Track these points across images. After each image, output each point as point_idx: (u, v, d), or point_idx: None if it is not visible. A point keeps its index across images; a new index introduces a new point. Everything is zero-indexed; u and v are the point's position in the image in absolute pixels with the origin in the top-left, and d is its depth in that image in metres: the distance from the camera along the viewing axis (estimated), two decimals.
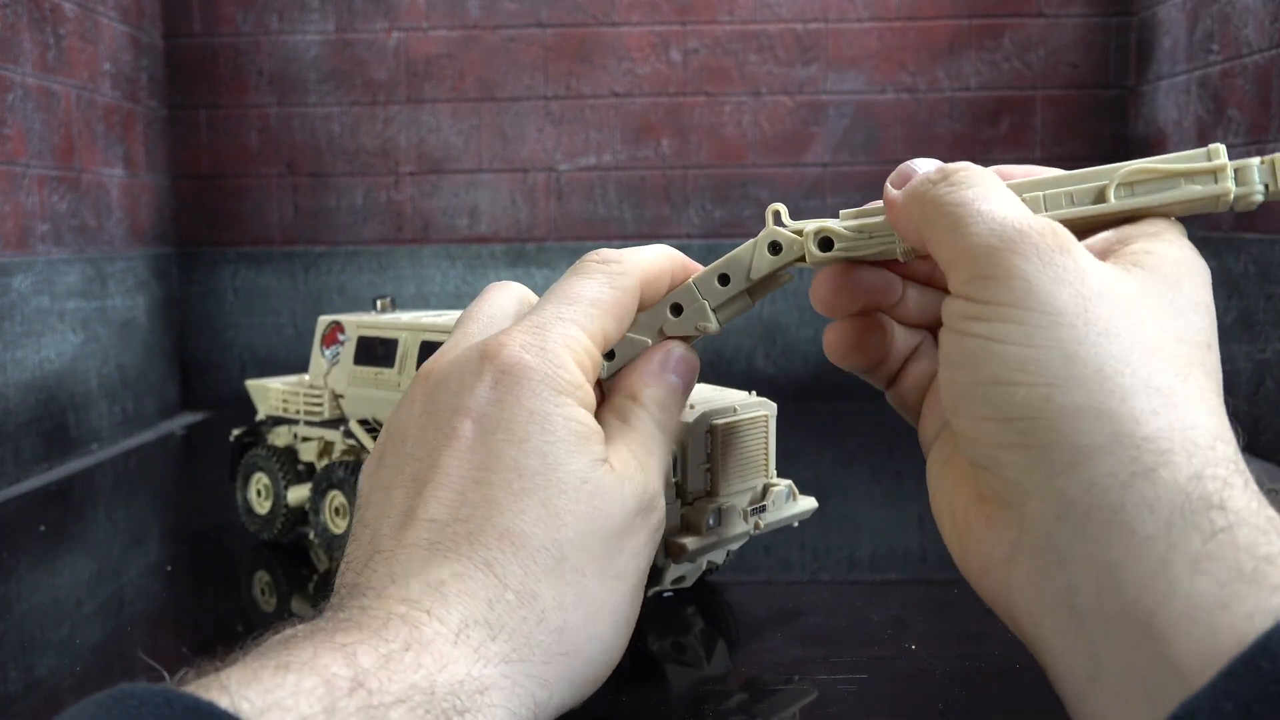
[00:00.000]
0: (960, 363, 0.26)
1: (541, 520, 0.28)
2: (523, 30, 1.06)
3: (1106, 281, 0.25)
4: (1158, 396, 0.24)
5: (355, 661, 0.23)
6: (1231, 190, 0.28)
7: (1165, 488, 0.22)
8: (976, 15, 1.05)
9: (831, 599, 0.50)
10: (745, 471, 0.44)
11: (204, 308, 1.09)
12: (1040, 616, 0.24)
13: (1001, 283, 0.25)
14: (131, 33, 0.99)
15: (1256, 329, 0.81)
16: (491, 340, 0.31)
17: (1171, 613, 0.21)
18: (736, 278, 0.34)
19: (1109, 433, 0.23)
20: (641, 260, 0.34)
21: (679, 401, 0.34)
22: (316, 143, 1.07)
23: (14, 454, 0.77)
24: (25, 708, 0.39)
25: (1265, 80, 0.80)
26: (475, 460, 0.29)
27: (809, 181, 1.07)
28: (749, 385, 0.47)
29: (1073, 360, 0.24)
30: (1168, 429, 0.23)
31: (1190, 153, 0.28)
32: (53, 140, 0.84)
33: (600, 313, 0.32)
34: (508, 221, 1.08)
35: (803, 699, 0.38)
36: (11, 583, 0.55)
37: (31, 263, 0.80)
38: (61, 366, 0.84)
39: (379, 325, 0.54)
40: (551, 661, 0.27)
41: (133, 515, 0.72)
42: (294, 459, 0.57)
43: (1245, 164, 0.28)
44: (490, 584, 0.27)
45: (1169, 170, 0.28)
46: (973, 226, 0.26)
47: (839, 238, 0.32)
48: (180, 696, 0.21)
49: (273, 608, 0.50)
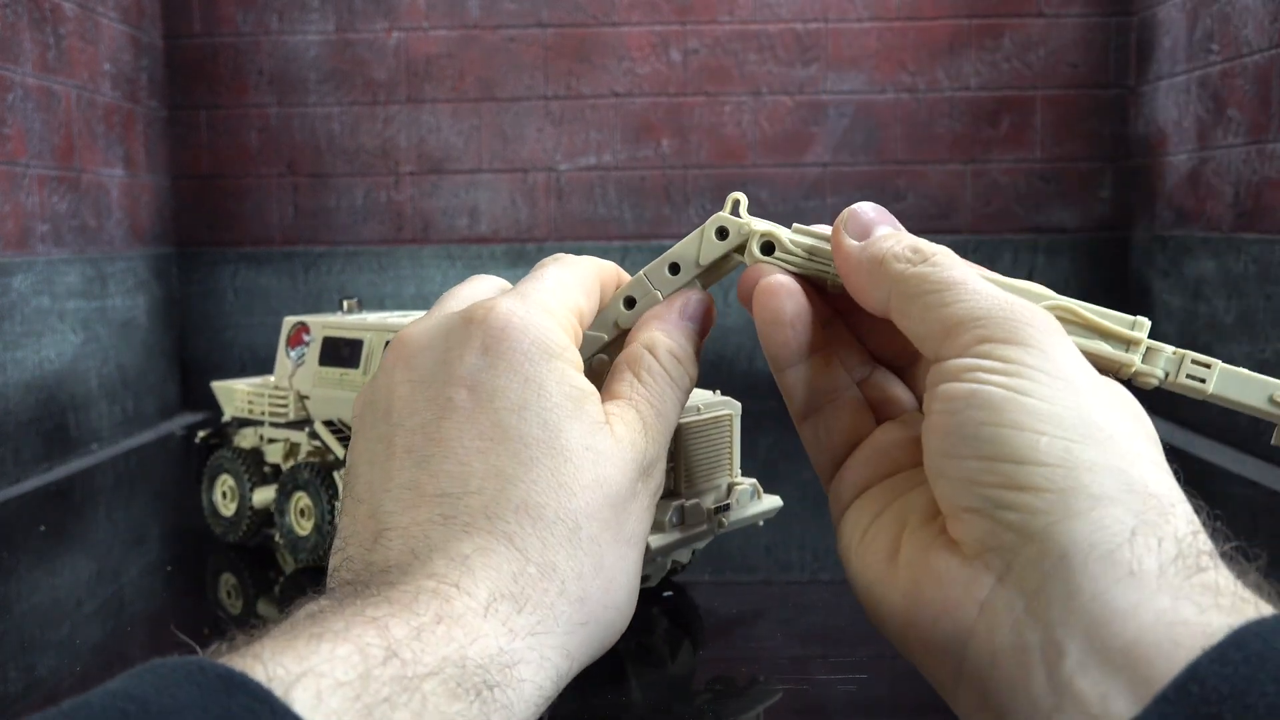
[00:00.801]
0: (971, 407, 0.26)
1: (552, 491, 0.28)
2: (523, 30, 1.06)
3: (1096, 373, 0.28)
4: (1156, 469, 0.26)
5: (388, 633, 0.23)
6: (1135, 365, 0.30)
7: (1168, 536, 0.24)
8: (976, 15, 1.05)
9: (831, 599, 0.50)
10: (710, 470, 0.44)
11: (204, 308, 1.09)
12: (1004, 657, 0.24)
13: (1021, 348, 0.26)
14: (131, 33, 0.99)
15: (1256, 329, 0.81)
16: (476, 305, 0.30)
17: (1155, 637, 0.22)
18: (686, 265, 0.34)
19: (1122, 485, 0.25)
20: (587, 258, 0.35)
21: (695, 350, 0.34)
22: (316, 143, 1.07)
23: (14, 454, 0.77)
24: (25, 708, 0.39)
25: (1265, 80, 0.80)
26: (476, 430, 0.28)
27: (809, 181, 1.07)
28: (749, 385, 0.47)
29: (1090, 423, 0.26)
30: (1169, 493, 0.25)
31: (1119, 315, 0.30)
32: (53, 140, 0.84)
33: (568, 287, 0.32)
34: (508, 221, 1.08)
35: (802, 699, 0.38)
36: (11, 583, 0.55)
37: (31, 263, 0.80)
38: (61, 366, 0.84)
39: (344, 326, 0.54)
40: (574, 632, 0.27)
41: (133, 515, 0.72)
42: (260, 461, 0.56)
43: (1158, 349, 0.30)
44: (513, 557, 0.27)
45: (1089, 321, 0.30)
46: (979, 300, 0.28)
47: (782, 247, 0.32)
48: (213, 665, 0.21)
49: (272, 608, 0.50)
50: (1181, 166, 0.94)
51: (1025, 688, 0.24)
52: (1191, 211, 0.93)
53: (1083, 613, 0.23)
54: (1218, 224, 0.87)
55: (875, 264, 0.30)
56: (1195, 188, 0.92)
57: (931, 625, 0.26)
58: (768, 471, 0.49)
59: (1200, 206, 0.91)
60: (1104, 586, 0.23)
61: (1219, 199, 0.87)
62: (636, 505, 0.30)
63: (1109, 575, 0.23)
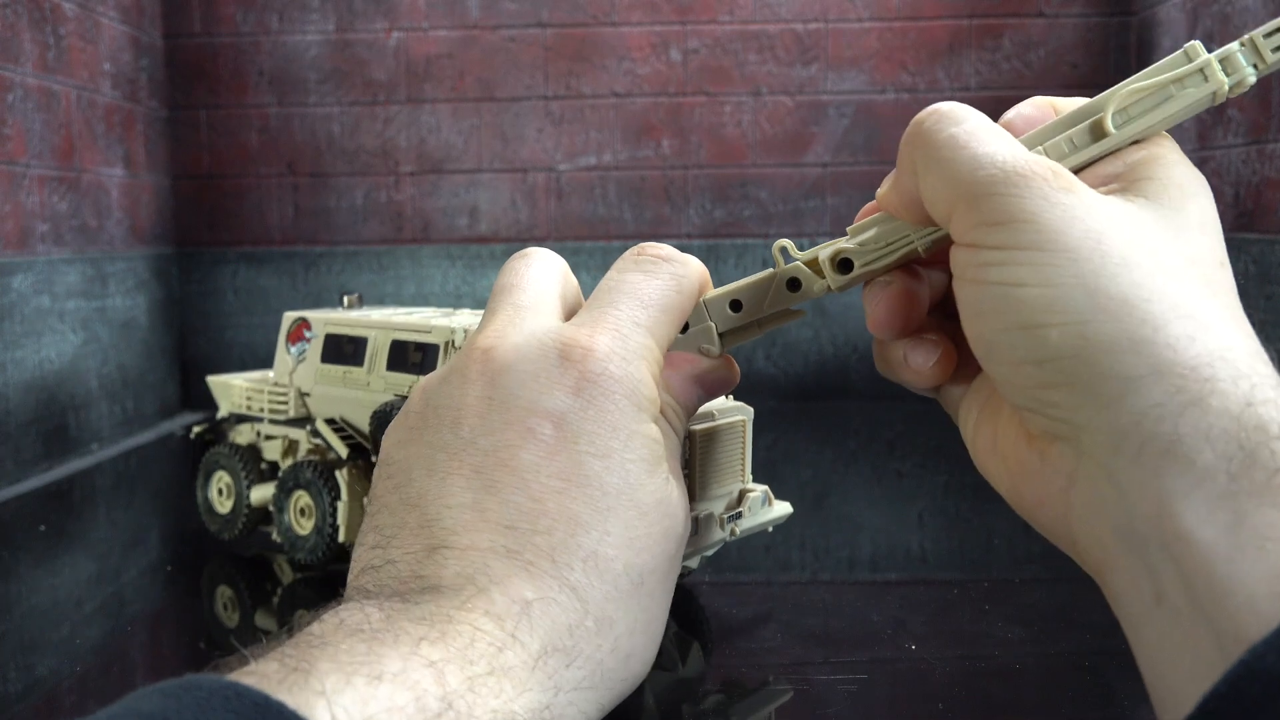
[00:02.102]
0: (983, 312, 0.26)
1: (625, 544, 0.27)
2: (523, 30, 1.06)
3: (1114, 214, 0.25)
4: (1189, 321, 0.24)
5: (444, 681, 0.23)
6: (1225, 81, 0.27)
7: (1218, 416, 0.22)
8: (976, 15, 1.05)
9: (831, 599, 0.50)
10: (723, 477, 0.43)
11: (204, 308, 1.09)
12: (1104, 541, 0.24)
13: (1011, 227, 0.25)
14: (131, 33, 0.99)
15: (1257, 329, 0.81)
16: (574, 338, 0.29)
17: (1239, 542, 0.21)
18: (750, 307, 0.33)
19: (1149, 363, 0.23)
20: (698, 265, 0.33)
21: (692, 411, 0.34)
22: (316, 143, 1.07)
23: (14, 454, 0.77)
24: (25, 708, 0.39)
25: (1265, 80, 0.80)
26: (556, 468, 0.28)
27: (809, 181, 1.07)
28: (750, 385, 0.47)
29: (1097, 294, 0.24)
30: (1207, 354, 0.23)
31: (1170, 59, 0.28)
32: (53, 140, 0.84)
33: (668, 319, 0.31)
34: (508, 221, 1.08)
35: (803, 700, 0.38)
36: (11, 583, 0.55)
37: (31, 263, 0.80)
38: (61, 366, 0.84)
39: (348, 322, 0.53)
40: (613, 687, 0.27)
41: (133, 515, 0.72)
42: (257, 457, 0.55)
43: (1228, 52, 0.28)
44: (573, 609, 0.26)
45: (1159, 83, 0.28)
46: (971, 169, 0.26)
47: (856, 255, 0.31)
48: (249, 691, 0.20)
49: (273, 607, 0.50)
50: None
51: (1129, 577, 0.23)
52: None
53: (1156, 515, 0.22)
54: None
55: (904, 145, 0.28)
56: None
57: (1037, 511, 0.27)
58: (768, 471, 0.49)
59: None
60: (1169, 485, 0.22)
61: (1219, 199, 0.87)
62: (680, 554, 0.30)
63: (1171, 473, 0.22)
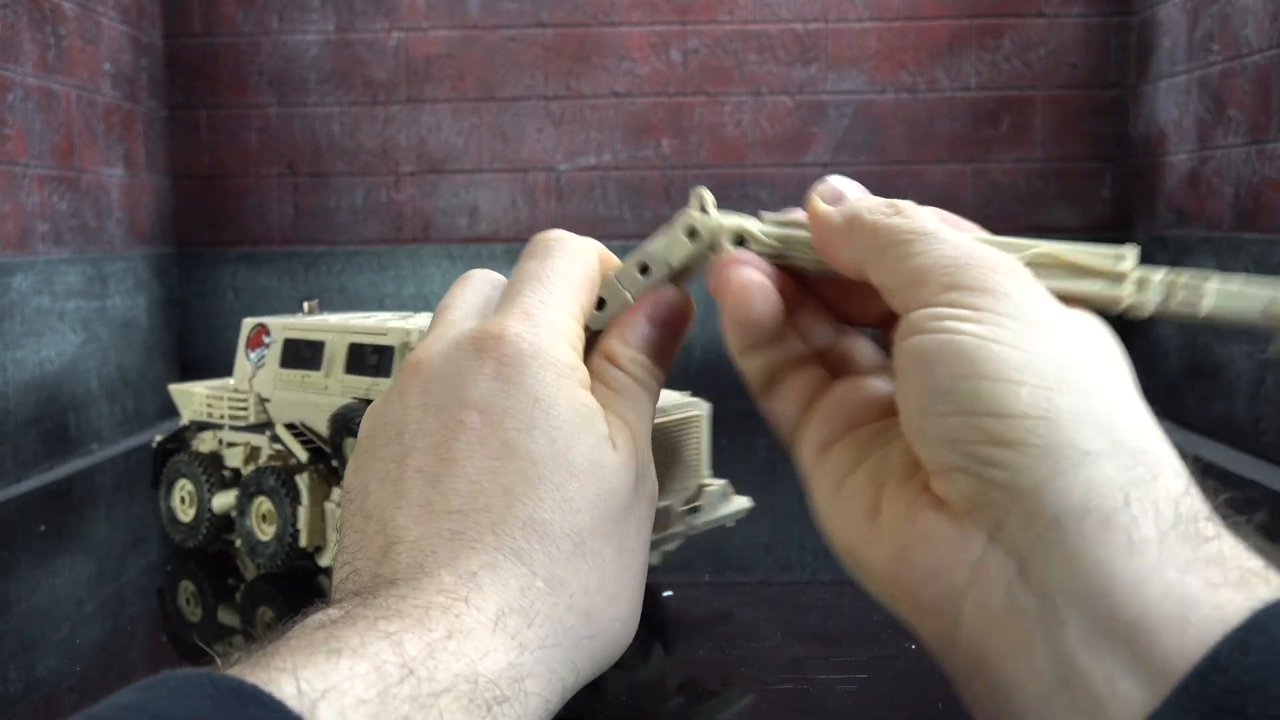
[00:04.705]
0: (944, 359, 0.25)
1: (558, 507, 0.28)
2: (523, 30, 1.06)
3: (1069, 312, 0.27)
4: (1138, 414, 0.25)
5: (403, 649, 0.23)
6: (1125, 299, 0.28)
7: (1162, 498, 0.23)
8: (976, 15, 1.05)
9: (831, 599, 0.50)
10: (679, 472, 0.44)
11: (204, 308, 1.09)
12: (1001, 623, 0.24)
13: (989, 295, 0.26)
14: (131, 33, 0.99)
15: (1257, 329, 0.81)
16: (484, 330, 0.31)
17: (1164, 613, 0.21)
18: (656, 266, 0.33)
19: (1108, 440, 0.24)
20: (588, 240, 0.34)
21: (663, 353, 0.33)
22: (316, 143, 1.07)
23: (14, 454, 0.77)
24: (25, 708, 0.39)
25: (1265, 80, 0.80)
26: (486, 450, 0.29)
27: (809, 181, 1.06)
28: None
29: (1068, 370, 0.25)
30: (1154, 446, 0.24)
31: (1104, 250, 0.29)
32: (53, 140, 0.84)
33: (573, 291, 0.32)
34: (508, 221, 1.08)
35: (802, 699, 0.38)
36: (11, 583, 0.55)
37: (31, 263, 0.80)
38: (61, 366, 0.84)
39: (306, 327, 0.53)
40: (580, 645, 0.28)
41: (133, 515, 0.72)
42: (219, 465, 0.55)
43: (1148, 277, 0.29)
44: (520, 573, 0.27)
45: (1074, 263, 0.29)
46: (946, 249, 0.27)
47: (756, 241, 0.32)
48: (224, 679, 0.21)
49: (273, 606, 0.50)
50: (1181, 166, 0.94)
51: (1026, 658, 0.23)
52: (1192, 211, 0.93)
53: (1084, 581, 0.22)
54: (1218, 224, 0.87)
55: (850, 219, 0.29)
56: (1195, 188, 0.92)
57: (921, 587, 0.26)
58: (766, 471, 0.49)
59: (1200, 206, 0.91)
60: (1104, 554, 0.22)
61: (1219, 199, 0.87)
62: (636, 514, 0.30)
63: (1108, 543, 0.22)
